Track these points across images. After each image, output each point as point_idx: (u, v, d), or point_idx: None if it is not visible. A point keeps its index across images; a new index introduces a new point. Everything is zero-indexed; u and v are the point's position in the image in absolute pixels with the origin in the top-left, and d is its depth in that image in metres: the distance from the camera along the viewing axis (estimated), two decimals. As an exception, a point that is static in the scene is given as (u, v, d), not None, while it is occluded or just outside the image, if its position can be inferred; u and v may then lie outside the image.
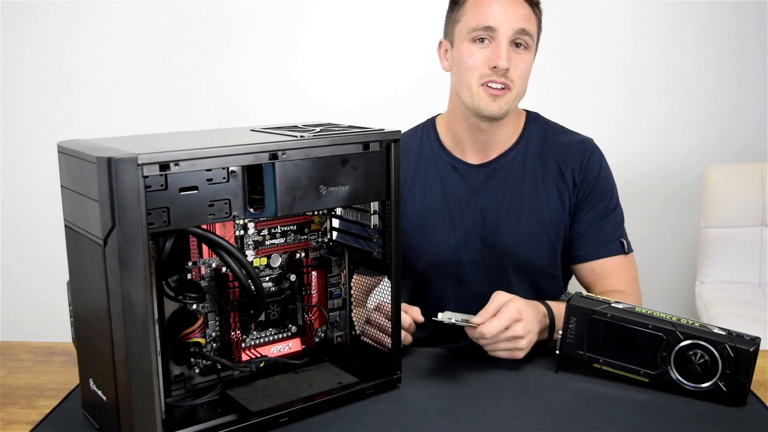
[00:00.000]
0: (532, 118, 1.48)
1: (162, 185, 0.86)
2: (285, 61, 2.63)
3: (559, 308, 1.24)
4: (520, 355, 1.18)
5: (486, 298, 1.35)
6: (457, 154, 1.45)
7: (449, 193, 1.44)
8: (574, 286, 1.48)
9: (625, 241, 1.43)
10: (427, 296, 1.46)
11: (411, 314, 1.23)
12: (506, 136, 1.43)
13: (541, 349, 1.23)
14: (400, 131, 1.06)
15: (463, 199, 1.43)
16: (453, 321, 1.14)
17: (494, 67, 1.31)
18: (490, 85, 1.33)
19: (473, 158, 1.44)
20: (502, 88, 1.33)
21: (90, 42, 2.70)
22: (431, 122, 1.52)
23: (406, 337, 1.22)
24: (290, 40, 2.62)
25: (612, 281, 1.41)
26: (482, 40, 1.33)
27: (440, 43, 1.43)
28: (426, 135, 1.49)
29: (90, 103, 2.74)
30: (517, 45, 1.33)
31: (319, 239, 1.16)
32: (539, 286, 1.44)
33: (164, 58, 2.70)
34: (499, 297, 1.19)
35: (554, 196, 1.41)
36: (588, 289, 1.44)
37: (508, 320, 1.15)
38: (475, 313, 1.18)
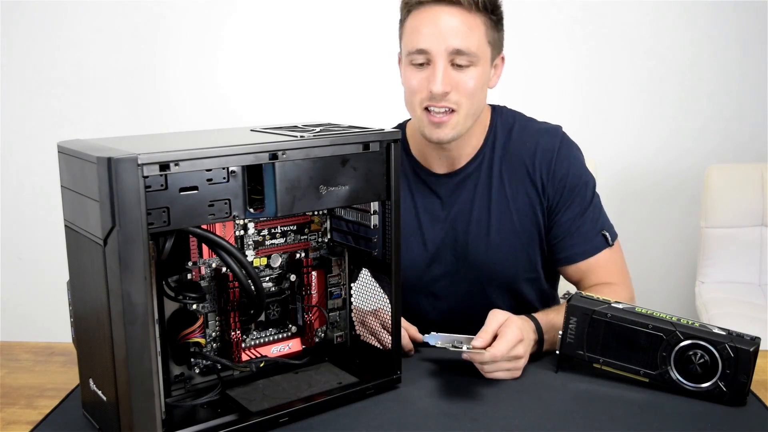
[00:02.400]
0: (497, 114, 1.41)
1: (162, 185, 0.86)
2: (285, 61, 2.63)
3: (545, 319, 1.23)
4: (518, 374, 1.16)
5: (464, 311, 1.36)
6: (424, 164, 1.40)
7: (419, 206, 1.40)
8: (565, 284, 1.48)
9: (608, 233, 1.38)
10: (405, 311, 1.36)
11: (410, 333, 1.24)
12: (471, 147, 1.38)
13: (541, 349, 1.23)
14: (400, 132, 1.06)
15: (432, 213, 1.39)
16: (448, 347, 1.11)
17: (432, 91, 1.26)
18: (431, 109, 1.27)
19: (440, 168, 1.39)
20: (446, 112, 1.27)
21: (90, 42, 2.70)
22: (401, 128, 1.46)
23: (407, 345, 1.22)
24: (290, 40, 2.62)
25: (599, 275, 1.37)
26: (420, 63, 1.27)
27: (398, 56, 1.37)
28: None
29: (90, 103, 2.74)
30: (458, 65, 1.26)
31: (319, 239, 1.16)
32: (518, 292, 1.42)
33: (165, 58, 2.71)
34: (497, 316, 1.16)
35: (523, 202, 1.36)
36: (577, 286, 1.42)
37: (514, 341, 1.13)
38: (458, 331, 1.16)
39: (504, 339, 1.12)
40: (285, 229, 1.12)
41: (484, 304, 1.32)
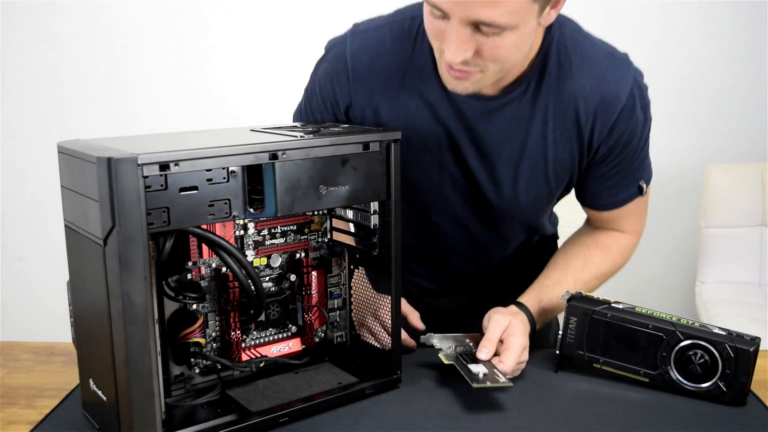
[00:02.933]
0: (553, 35, 1.11)
1: (162, 185, 0.86)
2: (286, 61, 2.63)
3: (537, 307, 1.20)
4: (518, 373, 1.15)
5: (479, 237, 1.28)
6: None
7: (441, 124, 1.17)
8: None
9: (644, 182, 1.23)
10: (428, 235, 1.31)
11: (411, 321, 1.23)
12: (511, 75, 1.12)
13: (541, 349, 1.23)
14: (400, 132, 1.05)
15: (454, 136, 1.17)
16: (450, 361, 1.11)
17: None
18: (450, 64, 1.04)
19: None
20: (468, 71, 1.04)
21: (90, 42, 2.70)
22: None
23: (406, 340, 1.22)
24: (290, 40, 2.62)
25: (617, 223, 1.29)
26: (438, 16, 1.00)
27: None
28: (422, 43, 1.14)
29: (90, 103, 2.74)
30: (484, 32, 0.98)
31: (319, 239, 1.16)
32: (533, 227, 1.33)
33: (165, 58, 2.71)
34: (499, 322, 1.13)
35: (564, 151, 1.16)
36: (588, 220, 1.35)
37: (520, 350, 1.11)
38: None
39: (511, 351, 1.10)
40: (285, 229, 1.12)
41: (498, 235, 1.31)
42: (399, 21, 1.19)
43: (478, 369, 1.08)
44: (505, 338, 1.13)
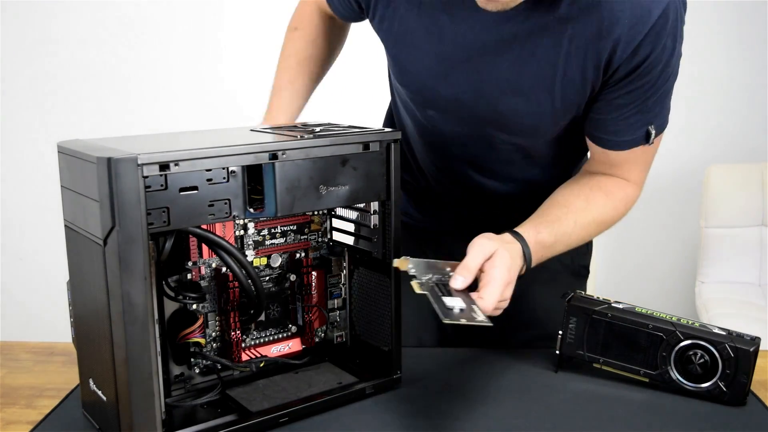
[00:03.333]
0: None
1: (162, 185, 0.86)
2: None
3: (535, 239, 1.08)
4: (498, 313, 1.01)
5: (472, 147, 1.19)
6: None
7: (442, 20, 1.09)
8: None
9: (653, 128, 1.12)
10: (422, 126, 1.25)
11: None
12: None
13: (541, 349, 1.23)
14: (400, 132, 1.05)
15: (457, 43, 1.10)
16: (423, 291, 0.95)
17: None
18: None
19: None
20: None
21: (90, 42, 2.70)
22: None
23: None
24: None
25: (617, 169, 1.18)
26: None
27: None
28: None
29: (90, 103, 2.74)
30: None
31: (319, 239, 1.16)
32: (529, 149, 1.22)
33: (165, 57, 2.71)
34: (483, 248, 0.99)
35: (577, 70, 1.06)
36: (591, 159, 1.23)
37: (502, 287, 0.98)
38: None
39: (492, 286, 0.96)
40: (285, 229, 1.12)
41: (493, 149, 1.21)
42: None
43: (454, 303, 0.93)
44: (486, 269, 0.99)
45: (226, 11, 2.65)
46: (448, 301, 0.93)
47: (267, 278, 1.12)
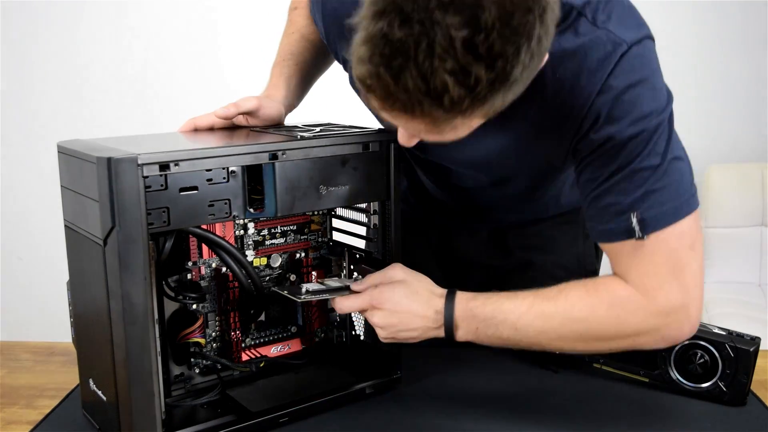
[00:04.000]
0: (555, 64, 0.87)
1: (162, 185, 0.86)
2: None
3: (467, 302, 0.99)
4: (386, 340, 1.02)
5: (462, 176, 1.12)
6: None
7: None
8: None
9: (638, 219, 0.90)
10: None
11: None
12: None
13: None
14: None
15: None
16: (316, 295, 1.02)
17: None
18: None
19: None
20: None
21: (90, 42, 2.70)
22: None
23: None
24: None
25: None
26: None
27: None
28: None
29: (90, 103, 2.74)
30: None
31: (319, 239, 1.16)
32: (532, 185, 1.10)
33: (165, 57, 2.70)
34: (391, 272, 1.01)
35: (544, 142, 0.97)
36: None
37: (364, 305, 1.00)
38: None
39: (354, 298, 1.00)
40: (285, 229, 1.12)
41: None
42: None
43: (311, 286, 1.03)
44: (378, 284, 1.01)
45: (226, 11, 2.65)
46: (306, 285, 1.04)
47: (267, 278, 1.12)
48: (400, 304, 0.99)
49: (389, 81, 0.72)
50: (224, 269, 1.05)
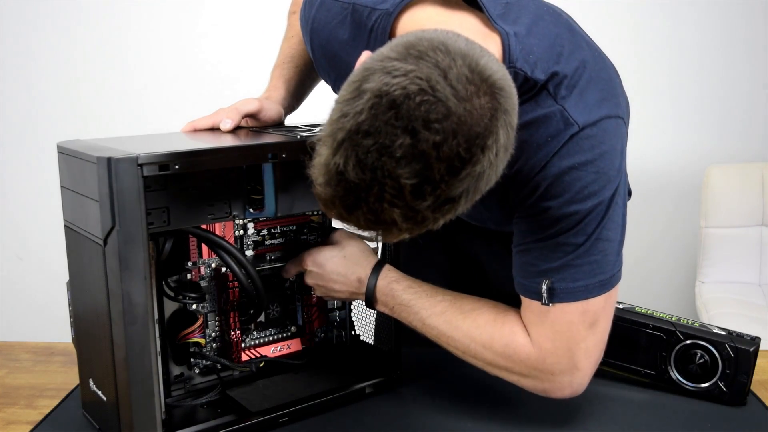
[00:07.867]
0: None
1: (162, 185, 0.86)
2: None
3: (391, 278, 1.03)
4: (324, 297, 1.11)
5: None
6: None
7: None
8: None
9: (545, 286, 0.93)
10: None
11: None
12: None
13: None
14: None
15: None
16: None
17: None
18: None
19: None
20: None
21: (90, 42, 2.70)
22: (385, 26, 0.94)
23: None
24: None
25: (523, 314, 0.99)
26: None
27: None
28: (376, 42, 0.95)
29: (90, 103, 2.74)
30: None
31: (319, 239, 1.16)
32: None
33: (165, 57, 2.70)
34: (331, 236, 1.09)
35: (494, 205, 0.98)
36: None
37: (301, 266, 1.08)
38: None
39: (293, 261, 1.08)
40: (285, 229, 1.12)
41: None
42: (359, 8, 0.96)
43: None
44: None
45: (226, 12, 2.65)
46: None
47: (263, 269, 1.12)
48: (325, 265, 1.06)
49: (343, 212, 0.76)
50: (224, 269, 1.05)
